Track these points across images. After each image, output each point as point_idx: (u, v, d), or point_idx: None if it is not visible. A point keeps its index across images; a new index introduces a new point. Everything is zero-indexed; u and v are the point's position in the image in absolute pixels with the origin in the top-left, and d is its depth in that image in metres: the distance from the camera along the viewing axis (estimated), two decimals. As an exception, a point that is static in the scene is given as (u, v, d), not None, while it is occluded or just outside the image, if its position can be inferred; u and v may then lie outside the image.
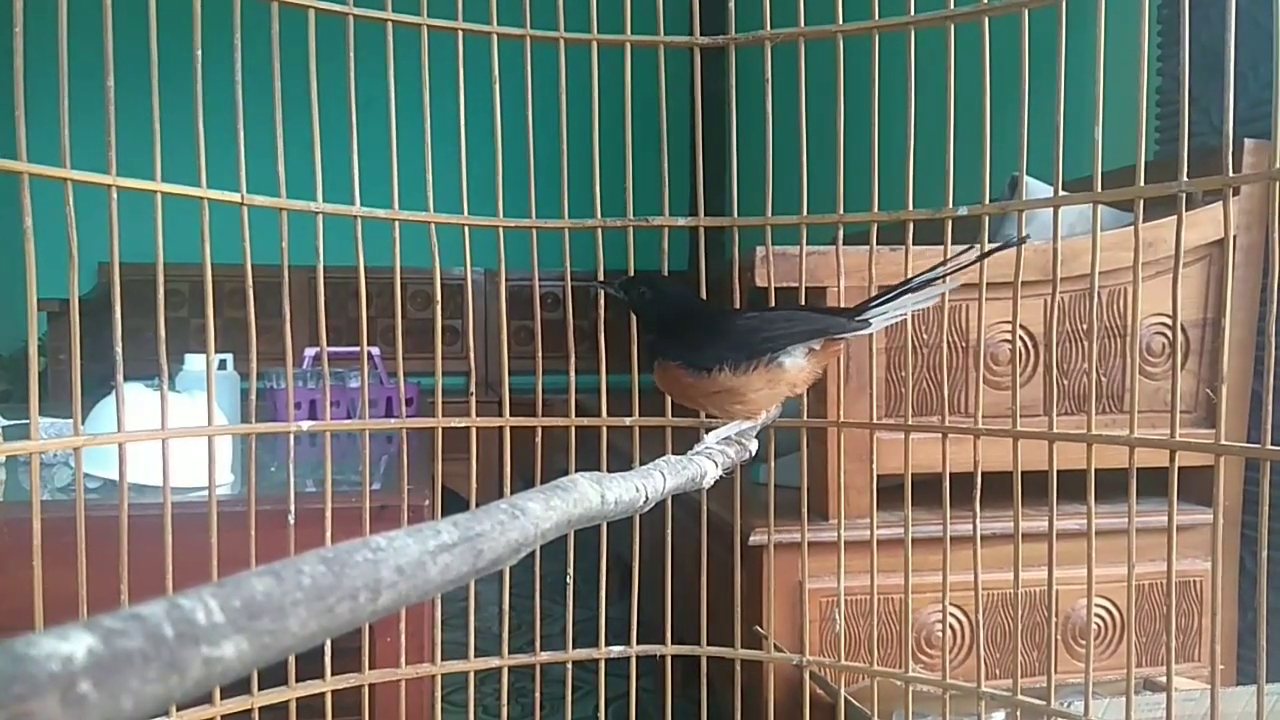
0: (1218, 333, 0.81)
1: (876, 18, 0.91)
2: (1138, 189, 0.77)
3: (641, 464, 0.66)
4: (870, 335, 0.97)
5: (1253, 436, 1.38)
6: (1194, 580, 1.34)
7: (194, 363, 1.68)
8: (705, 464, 0.76)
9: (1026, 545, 0.84)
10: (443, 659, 0.94)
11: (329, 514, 0.86)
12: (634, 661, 0.99)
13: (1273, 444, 0.70)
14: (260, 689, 0.85)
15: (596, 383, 1.00)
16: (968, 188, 0.89)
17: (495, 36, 0.93)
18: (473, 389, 0.97)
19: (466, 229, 0.95)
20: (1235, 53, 0.71)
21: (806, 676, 1.00)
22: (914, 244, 0.91)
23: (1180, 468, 0.75)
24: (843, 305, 0.95)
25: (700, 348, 0.79)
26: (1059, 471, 0.83)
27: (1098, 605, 1.31)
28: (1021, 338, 1.29)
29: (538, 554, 0.59)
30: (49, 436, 0.83)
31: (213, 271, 0.82)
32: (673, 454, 0.73)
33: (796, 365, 0.80)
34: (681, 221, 0.99)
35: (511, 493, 0.48)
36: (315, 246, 0.86)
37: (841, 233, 0.97)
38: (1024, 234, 0.83)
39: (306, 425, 0.90)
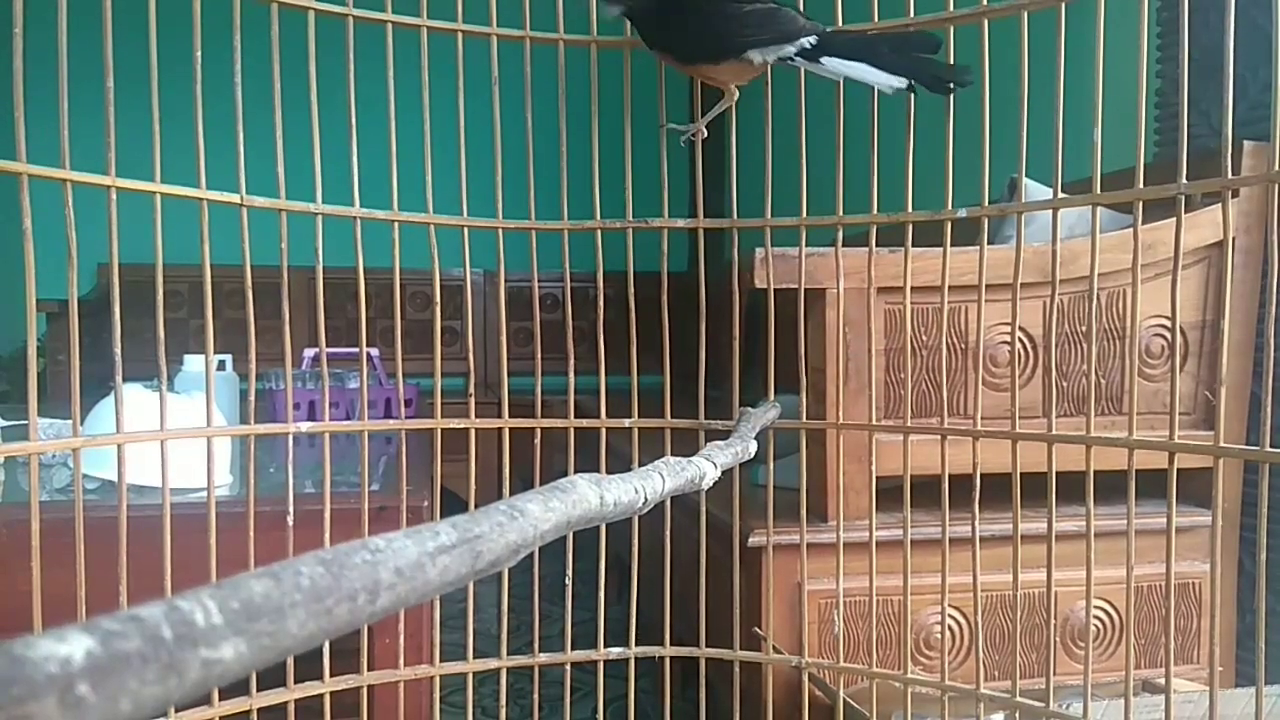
0: (1217, 335, 0.81)
1: (876, 20, 0.91)
2: (1137, 191, 0.77)
3: (640, 465, 0.66)
4: (870, 338, 0.97)
5: (1252, 439, 1.38)
6: (1193, 582, 1.34)
7: (193, 363, 1.68)
8: (704, 465, 0.76)
9: (1025, 547, 0.84)
10: (441, 660, 0.94)
11: (328, 515, 0.86)
12: (633, 663, 0.99)
13: (1271, 446, 0.70)
14: (259, 690, 0.85)
15: (596, 384, 1.00)
16: (967, 189, 0.90)
17: (495, 38, 0.93)
18: (472, 390, 0.97)
19: (466, 230, 0.95)
20: (1234, 55, 0.71)
21: (805, 678, 1.00)
22: (913, 245, 0.91)
23: (1179, 469, 0.75)
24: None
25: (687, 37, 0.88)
26: (1058, 473, 0.83)
27: (1097, 607, 1.31)
28: (1021, 339, 1.29)
29: (536, 555, 0.59)
30: (48, 437, 0.83)
31: (212, 272, 0.82)
32: (672, 455, 0.73)
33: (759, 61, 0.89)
34: (681, 223, 0.99)
35: (510, 494, 0.48)
36: (315, 247, 0.86)
37: (841, 234, 0.97)
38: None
39: (305, 426, 0.90)
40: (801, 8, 0.93)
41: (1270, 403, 0.74)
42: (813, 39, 0.86)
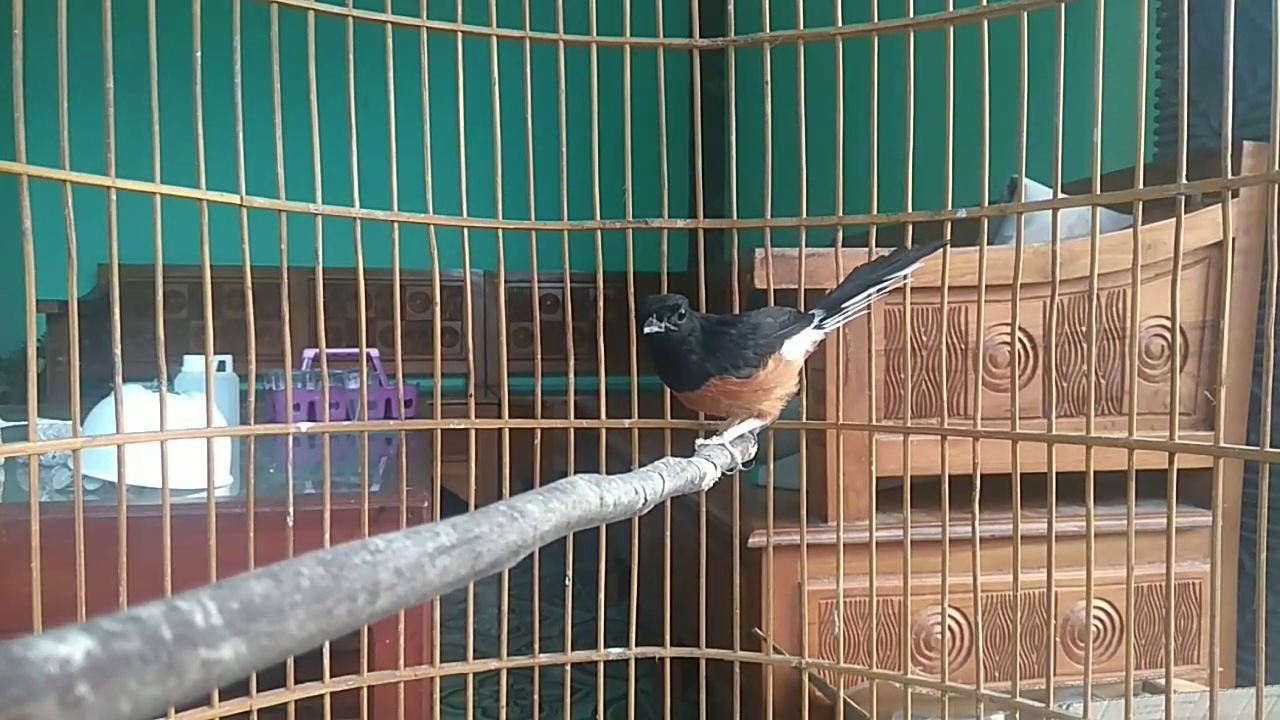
0: (1217, 335, 0.81)
1: (876, 20, 0.91)
2: (1137, 191, 0.77)
3: (640, 466, 0.66)
4: (870, 338, 0.97)
5: (1252, 439, 1.38)
6: (1193, 582, 1.34)
7: (193, 364, 1.68)
8: (704, 466, 0.76)
9: (1025, 547, 0.84)
10: (442, 661, 0.94)
11: (328, 516, 0.86)
12: (633, 663, 0.99)
13: (1271, 446, 0.70)
14: (259, 691, 0.85)
15: (596, 384, 1.00)
16: (967, 190, 0.89)
17: (495, 38, 0.93)
18: (472, 390, 0.97)
19: (465, 230, 0.95)
20: (1234, 55, 0.71)
21: (805, 678, 1.00)
22: (913, 245, 0.90)
23: (1179, 470, 0.75)
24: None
25: (733, 356, 0.82)
26: (1058, 473, 0.83)
27: (1097, 607, 1.31)
28: (1021, 340, 1.29)
29: (536, 556, 0.59)
30: (48, 438, 0.83)
31: (212, 273, 0.82)
32: (672, 456, 0.73)
33: (795, 355, 0.85)
34: (681, 223, 0.99)
35: (510, 494, 0.48)
36: (314, 248, 0.86)
37: (841, 235, 0.97)
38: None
39: (305, 427, 0.90)
40: (802, 10, 0.93)
41: (1270, 403, 0.74)
42: (790, 334, 0.83)
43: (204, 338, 0.84)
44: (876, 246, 0.93)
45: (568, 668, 0.98)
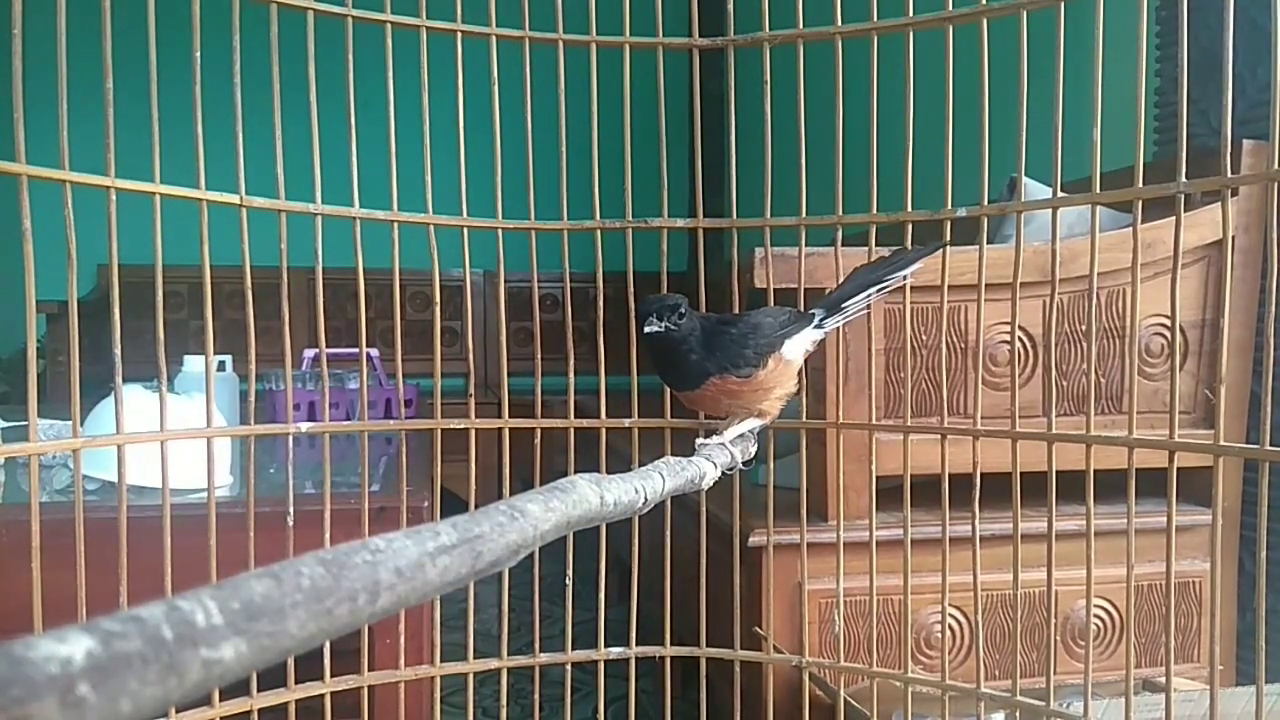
0: (1216, 333, 0.81)
1: (875, 19, 0.91)
2: (1136, 190, 0.77)
3: (640, 465, 0.66)
4: (870, 338, 0.97)
5: (1251, 437, 1.38)
6: (1193, 581, 1.34)
7: (193, 364, 1.68)
8: (704, 465, 0.76)
9: (1025, 546, 0.84)
10: (442, 660, 0.94)
11: (328, 515, 0.86)
12: (633, 663, 0.99)
13: (1271, 445, 0.70)
14: (259, 690, 0.85)
15: (595, 384, 1.00)
16: (967, 189, 0.89)
17: (494, 38, 0.93)
18: (472, 390, 0.97)
19: (465, 230, 0.95)
20: (1233, 54, 0.71)
21: (806, 677, 1.00)
22: (913, 245, 0.90)
23: (1179, 468, 0.76)
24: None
25: (733, 355, 0.82)
26: (1058, 472, 0.83)
27: (1097, 606, 1.31)
28: (1020, 339, 1.29)
29: (537, 555, 0.59)
30: (48, 438, 0.83)
31: (212, 273, 0.82)
32: (672, 455, 0.73)
33: (794, 355, 0.85)
34: (680, 223, 0.99)
35: (511, 494, 0.48)
36: (314, 248, 0.86)
37: (840, 234, 0.97)
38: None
39: (305, 427, 0.90)
40: (801, 10, 0.93)
41: (1270, 401, 0.74)
42: (791, 333, 0.84)
43: (204, 338, 0.84)
44: (876, 246, 0.93)
45: (568, 667, 0.98)
